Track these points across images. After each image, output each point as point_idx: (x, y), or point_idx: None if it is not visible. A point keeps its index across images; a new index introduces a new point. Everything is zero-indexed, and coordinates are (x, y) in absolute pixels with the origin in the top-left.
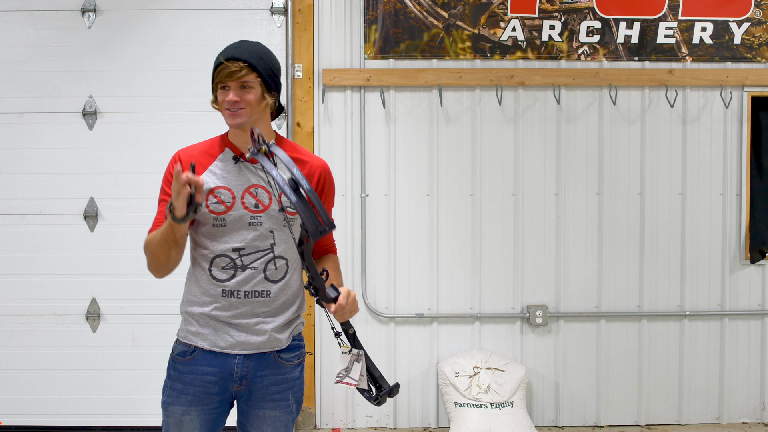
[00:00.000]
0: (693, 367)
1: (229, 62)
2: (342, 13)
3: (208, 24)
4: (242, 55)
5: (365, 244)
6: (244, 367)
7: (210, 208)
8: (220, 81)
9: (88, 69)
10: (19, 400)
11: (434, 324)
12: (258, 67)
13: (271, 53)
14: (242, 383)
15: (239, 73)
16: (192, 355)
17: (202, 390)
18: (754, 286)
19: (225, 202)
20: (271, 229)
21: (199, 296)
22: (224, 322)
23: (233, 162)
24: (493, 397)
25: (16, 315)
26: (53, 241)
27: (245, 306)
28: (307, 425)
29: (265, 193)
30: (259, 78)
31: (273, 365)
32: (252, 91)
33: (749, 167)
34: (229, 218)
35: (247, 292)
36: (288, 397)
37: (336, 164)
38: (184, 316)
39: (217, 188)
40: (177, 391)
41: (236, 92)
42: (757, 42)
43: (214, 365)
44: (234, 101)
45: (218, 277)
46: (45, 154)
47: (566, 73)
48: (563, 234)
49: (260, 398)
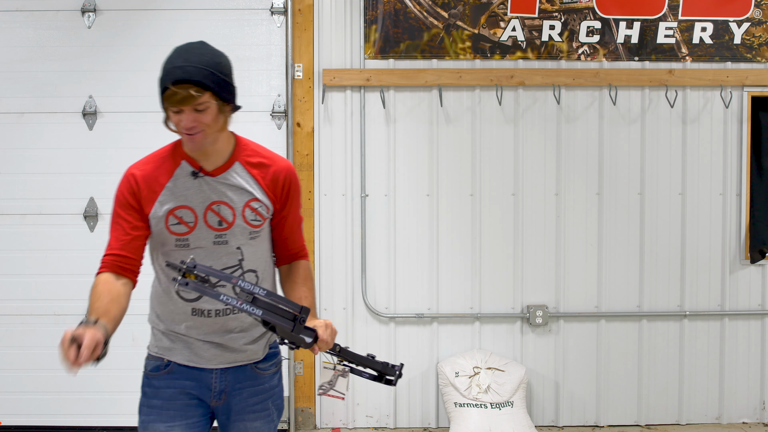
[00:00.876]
0: (693, 367)
1: (177, 87)
2: (342, 13)
3: (208, 24)
4: (192, 75)
5: (365, 244)
6: (222, 381)
7: (171, 230)
8: (171, 105)
9: (88, 69)
10: (19, 400)
11: (434, 324)
12: (210, 85)
13: (221, 56)
14: (221, 397)
15: (191, 99)
16: (167, 369)
17: (183, 404)
18: (754, 286)
19: (187, 223)
20: (238, 245)
21: (169, 314)
22: (196, 338)
23: (192, 177)
24: (493, 397)
25: (16, 315)
26: (53, 241)
27: (217, 324)
28: (307, 425)
29: (228, 209)
30: (213, 96)
31: (251, 377)
32: (208, 112)
33: (749, 167)
34: (193, 238)
35: (218, 310)
36: (268, 406)
37: (336, 164)
38: (154, 332)
39: (177, 208)
40: (157, 408)
41: (191, 116)
42: (757, 42)
43: (191, 379)
44: (190, 126)
45: (186, 296)
46: (45, 154)
47: (566, 73)
48: (563, 234)
49: (240, 411)
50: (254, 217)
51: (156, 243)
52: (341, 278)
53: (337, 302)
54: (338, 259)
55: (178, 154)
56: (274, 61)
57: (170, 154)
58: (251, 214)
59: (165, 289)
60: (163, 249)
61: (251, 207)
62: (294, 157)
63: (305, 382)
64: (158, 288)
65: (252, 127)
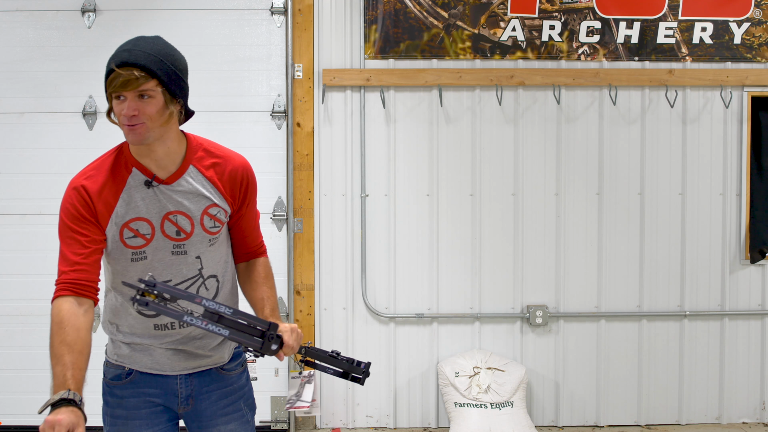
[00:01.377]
0: (693, 367)
1: (122, 69)
2: (342, 13)
3: (208, 24)
4: (138, 59)
5: (365, 244)
6: (187, 386)
7: (126, 243)
8: (113, 91)
9: (88, 69)
10: (19, 400)
11: (434, 324)
12: (158, 72)
13: (175, 51)
14: (188, 402)
15: (135, 83)
16: (128, 377)
17: (149, 411)
18: (754, 286)
19: (143, 235)
20: (197, 254)
21: (129, 327)
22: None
23: (146, 187)
24: (493, 397)
25: (16, 315)
26: (53, 241)
27: (180, 335)
28: (307, 425)
29: (185, 219)
30: (160, 86)
31: (217, 379)
32: (152, 102)
33: (749, 167)
34: (150, 250)
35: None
36: (240, 407)
37: (336, 164)
38: (113, 340)
39: (132, 221)
40: (122, 419)
41: (133, 103)
42: (757, 42)
43: (155, 386)
44: (131, 115)
45: (147, 313)
46: (45, 154)
47: (566, 73)
48: (563, 234)
49: (212, 415)
50: (213, 224)
51: (110, 257)
52: (341, 278)
53: (337, 302)
54: (338, 259)
55: (128, 161)
56: (274, 61)
57: (117, 160)
58: (210, 221)
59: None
60: (119, 263)
61: (209, 214)
62: (294, 157)
63: None
64: (115, 302)
65: (252, 127)
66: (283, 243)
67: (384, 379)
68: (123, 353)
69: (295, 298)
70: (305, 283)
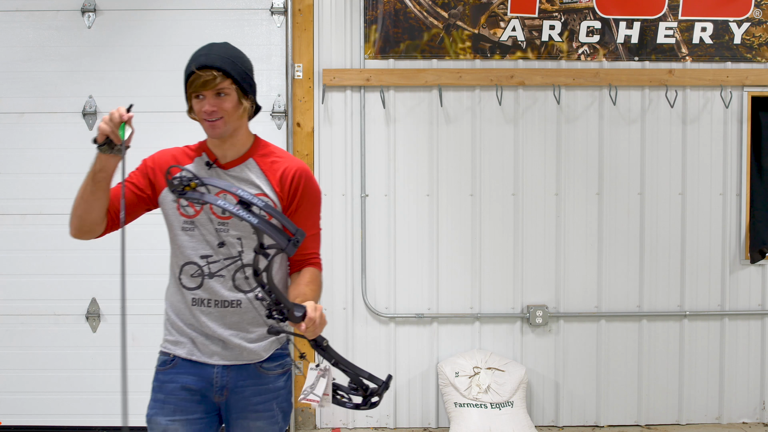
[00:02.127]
0: (693, 367)
1: (201, 71)
2: (342, 13)
3: (208, 24)
4: (214, 62)
5: (365, 244)
6: (223, 377)
7: (181, 211)
8: (194, 91)
9: (88, 69)
10: (19, 400)
11: (434, 324)
12: (232, 72)
13: (243, 54)
14: (223, 393)
15: (213, 82)
16: (172, 363)
17: (183, 399)
18: (754, 286)
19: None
20: (238, 236)
21: (175, 304)
22: (200, 332)
23: (207, 167)
24: (493, 397)
25: (16, 315)
26: (53, 241)
27: (215, 315)
28: (307, 425)
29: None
30: (234, 84)
31: (254, 375)
32: (228, 99)
33: (749, 167)
34: (198, 222)
35: (217, 301)
36: (272, 407)
37: (336, 164)
38: (166, 325)
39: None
40: (160, 402)
41: (212, 101)
42: (757, 42)
43: (193, 374)
44: (211, 111)
45: (187, 285)
46: (45, 154)
47: (566, 73)
48: (563, 234)
49: (242, 409)
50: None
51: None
52: (341, 278)
53: (337, 302)
54: (338, 259)
55: (201, 147)
56: (274, 61)
57: (194, 146)
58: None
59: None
60: (172, 231)
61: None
62: None
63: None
64: (171, 279)
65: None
66: None
67: None
68: (171, 339)
69: None
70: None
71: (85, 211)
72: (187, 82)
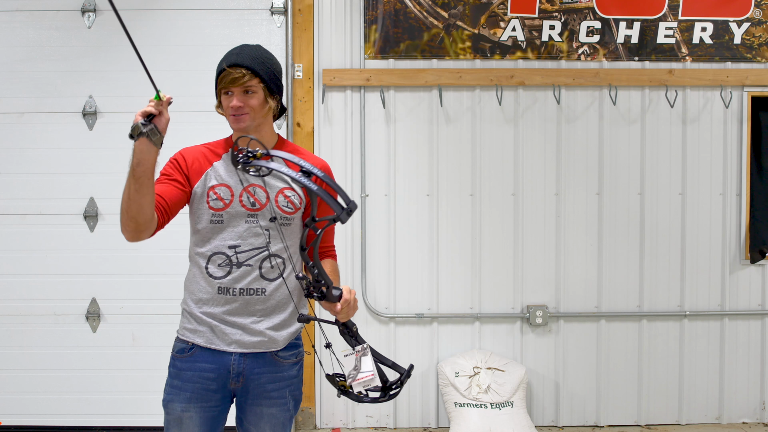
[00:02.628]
0: (693, 367)
1: (231, 69)
2: (342, 13)
3: (208, 24)
4: (244, 61)
5: (365, 244)
6: (240, 364)
7: (209, 205)
8: (223, 87)
9: (88, 69)
10: (19, 400)
11: (434, 324)
12: (260, 72)
13: (273, 57)
14: (239, 380)
15: (242, 80)
16: (190, 352)
17: (200, 387)
18: (754, 286)
19: (224, 199)
20: (267, 227)
21: (197, 293)
22: (220, 320)
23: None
24: (493, 397)
25: (16, 315)
26: (53, 241)
27: (240, 303)
28: (307, 425)
29: (262, 192)
30: (262, 83)
31: (270, 363)
32: (255, 96)
33: (749, 167)
34: (227, 215)
35: (243, 289)
36: (285, 395)
37: (336, 164)
38: (184, 314)
39: (217, 186)
40: (176, 389)
41: (240, 98)
42: (757, 42)
43: (211, 362)
44: (238, 107)
45: (214, 274)
46: (45, 154)
47: (566, 73)
48: (563, 234)
49: (257, 396)
50: (286, 203)
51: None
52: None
53: None
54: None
55: (228, 144)
56: None
57: (221, 143)
58: (284, 200)
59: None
60: (200, 223)
61: (284, 194)
62: None
63: (305, 382)
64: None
65: None
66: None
67: None
68: (189, 327)
69: None
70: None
71: (137, 211)
72: (218, 78)
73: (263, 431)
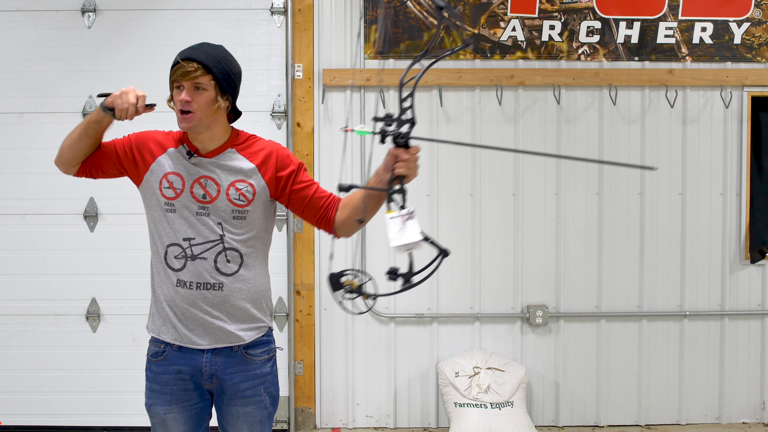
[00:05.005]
0: (693, 367)
1: (185, 62)
2: (342, 13)
3: (208, 24)
4: (198, 56)
5: (365, 243)
6: (212, 364)
7: (162, 192)
8: (175, 80)
9: (88, 69)
10: (19, 400)
11: (434, 324)
12: (213, 69)
13: (232, 58)
14: (213, 380)
15: (193, 74)
16: (163, 355)
17: (178, 388)
18: (754, 286)
19: (175, 188)
20: (219, 221)
21: (160, 286)
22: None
23: (187, 156)
24: (493, 397)
25: (16, 315)
26: (53, 241)
27: (197, 298)
28: (307, 425)
29: (214, 185)
30: (214, 80)
31: (241, 362)
32: (204, 94)
33: (749, 167)
34: (178, 204)
35: (199, 283)
36: (260, 392)
37: (336, 164)
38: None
39: (169, 173)
40: (156, 392)
41: (189, 92)
42: (757, 42)
43: (184, 363)
44: (186, 100)
45: (173, 266)
46: (45, 154)
47: (566, 73)
48: (563, 234)
49: (232, 395)
50: (238, 196)
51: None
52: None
53: None
54: (338, 259)
55: (183, 136)
56: (274, 61)
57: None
58: (235, 192)
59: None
60: (155, 211)
61: (236, 187)
62: None
63: (305, 382)
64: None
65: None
66: (283, 243)
67: (384, 379)
68: (155, 325)
69: (295, 298)
70: (305, 283)
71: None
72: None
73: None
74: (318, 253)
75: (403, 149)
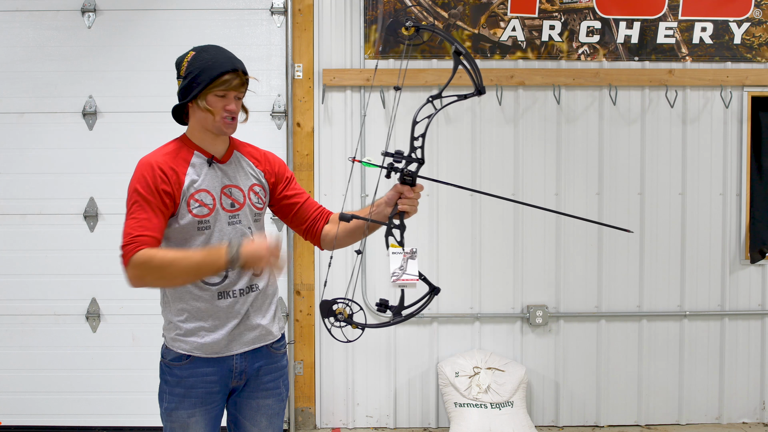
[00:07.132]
0: (693, 367)
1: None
2: (342, 13)
3: (208, 24)
4: (243, 68)
5: (365, 243)
6: (242, 363)
7: (193, 213)
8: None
9: (88, 69)
10: (19, 400)
11: (434, 324)
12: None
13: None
14: (242, 377)
15: (242, 87)
16: (188, 360)
17: (204, 391)
18: (754, 286)
19: (207, 205)
20: (248, 225)
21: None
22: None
23: (207, 165)
24: (493, 397)
25: (16, 315)
26: (53, 241)
27: (239, 303)
28: (307, 425)
29: (238, 192)
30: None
31: (266, 356)
32: (240, 102)
33: (749, 167)
34: (212, 220)
35: (242, 289)
36: (279, 384)
37: (336, 164)
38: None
39: (197, 192)
40: (179, 396)
41: (237, 102)
42: (757, 42)
43: (213, 366)
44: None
45: (210, 281)
46: (45, 154)
47: (566, 73)
48: (563, 234)
49: (254, 389)
50: (257, 199)
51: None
52: (341, 278)
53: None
54: (338, 258)
55: (188, 146)
56: (274, 61)
57: (181, 146)
58: (254, 197)
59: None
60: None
61: (254, 190)
62: (294, 157)
63: (305, 382)
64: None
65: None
66: (282, 243)
67: (384, 379)
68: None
69: (295, 298)
70: (305, 283)
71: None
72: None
73: (259, 423)
74: (318, 253)
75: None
